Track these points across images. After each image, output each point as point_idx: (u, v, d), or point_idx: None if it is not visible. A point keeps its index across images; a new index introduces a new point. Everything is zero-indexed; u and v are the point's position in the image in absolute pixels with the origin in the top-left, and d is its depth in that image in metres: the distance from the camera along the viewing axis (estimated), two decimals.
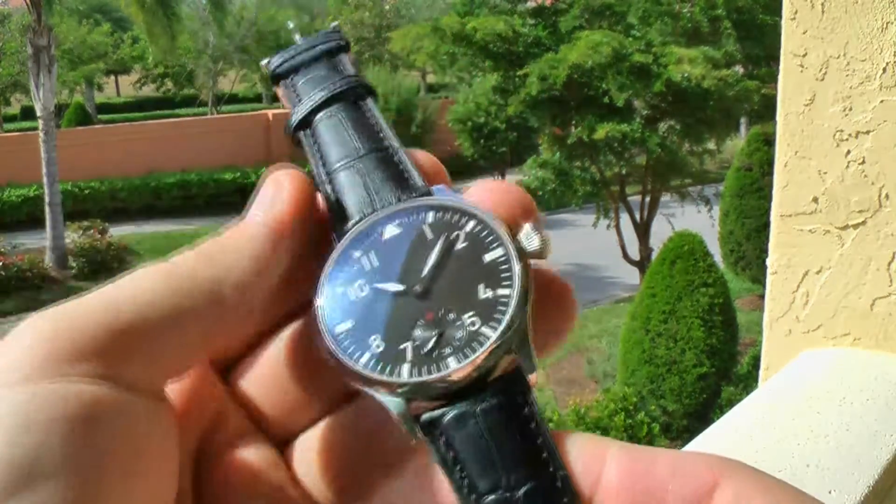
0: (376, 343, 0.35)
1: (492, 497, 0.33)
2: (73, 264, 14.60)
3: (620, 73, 10.80)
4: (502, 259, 0.35)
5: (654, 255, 9.15)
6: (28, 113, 22.82)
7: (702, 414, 7.69)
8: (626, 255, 12.18)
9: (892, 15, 1.10)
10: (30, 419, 0.28)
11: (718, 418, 1.08)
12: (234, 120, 22.12)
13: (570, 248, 13.85)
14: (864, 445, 0.97)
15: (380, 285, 0.35)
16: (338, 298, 0.36)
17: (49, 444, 0.28)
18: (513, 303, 0.34)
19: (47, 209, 14.49)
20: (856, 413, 1.04)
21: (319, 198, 0.38)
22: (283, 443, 0.38)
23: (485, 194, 0.37)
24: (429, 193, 0.37)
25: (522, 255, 0.35)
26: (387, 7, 26.71)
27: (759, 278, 10.45)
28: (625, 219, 12.37)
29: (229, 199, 18.98)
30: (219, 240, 0.36)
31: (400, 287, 0.35)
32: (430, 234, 0.36)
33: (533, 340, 0.35)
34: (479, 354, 0.34)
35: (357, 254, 0.36)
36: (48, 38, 14.46)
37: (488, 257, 0.35)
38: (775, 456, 0.94)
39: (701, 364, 7.88)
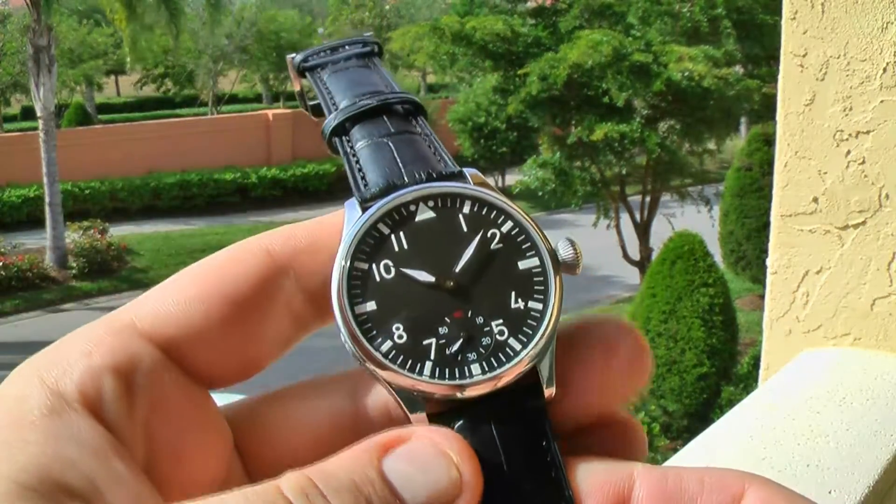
0: (399, 332, 0.33)
1: None
2: (73, 264, 14.60)
3: (620, 73, 10.80)
4: (537, 270, 0.34)
5: (654, 255, 9.16)
6: (28, 113, 22.82)
7: (702, 414, 7.69)
8: (626, 255, 12.18)
9: (892, 15, 1.10)
10: None
11: (718, 418, 1.08)
12: (234, 120, 22.11)
13: None
14: (864, 445, 0.97)
15: (409, 271, 0.33)
16: (361, 275, 0.33)
17: None
18: (545, 320, 0.33)
19: (47, 209, 14.49)
20: (856, 413, 1.04)
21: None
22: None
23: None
24: (461, 175, 0.35)
25: (557, 267, 0.34)
26: (387, 7, 26.71)
27: (759, 278, 10.44)
28: (625, 219, 12.37)
29: (229, 199, 19.01)
30: None
31: (431, 278, 0.33)
32: (465, 227, 0.34)
33: (556, 356, 0.34)
34: (505, 370, 0.33)
35: (386, 230, 0.34)
36: (48, 38, 14.46)
37: (523, 265, 0.34)
38: (775, 456, 0.94)
39: (701, 364, 7.88)
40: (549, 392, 0.33)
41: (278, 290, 0.34)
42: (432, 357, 0.33)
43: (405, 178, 0.35)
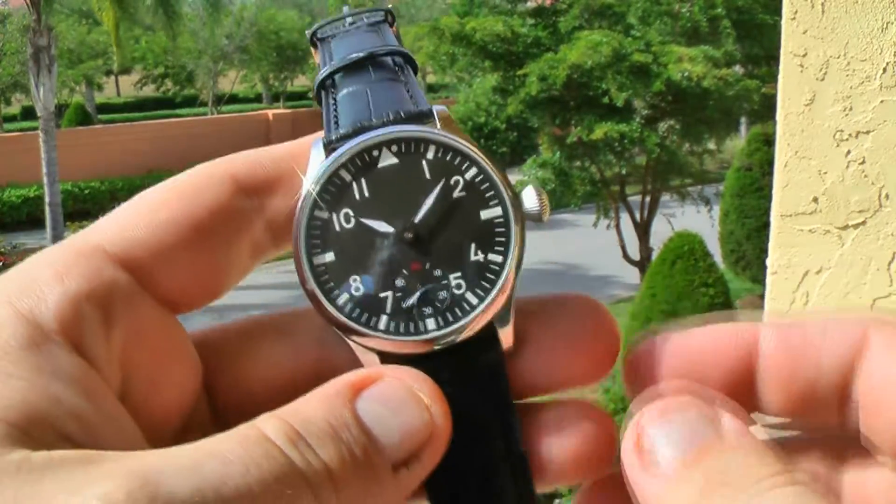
0: (356, 285, 0.33)
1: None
2: None
3: (620, 73, 10.80)
4: (499, 220, 0.33)
5: (654, 255, 9.16)
6: (28, 113, 22.83)
7: None
8: (626, 255, 12.18)
9: (893, 15, 1.10)
10: None
11: None
12: (234, 120, 22.12)
13: (571, 248, 13.85)
14: None
15: (368, 221, 0.33)
16: (321, 224, 0.33)
17: None
18: (503, 274, 0.33)
19: (47, 209, 14.49)
20: None
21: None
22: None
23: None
24: (430, 113, 0.34)
25: (520, 217, 0.33)
26: (387, 7, 26.70)
27: (759, 278, 10.44)
28: (625, 219, 12.37)
29: None
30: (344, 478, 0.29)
31: (389, 229, 0.33)
32: (428, 174, 0.33)
33: (514, 306, 0.33)
34: (460, 325, 0.32)
35: (348, 177, 0.33)
36: (48, 38, 14.45)
37: (485, 214, 0.33)
38: None
39: None
40: (506, 344, 0.33)
41: (244, 219, 0.34)
42: (388, 310, 0.33)
43: (372, 119, 0.33)
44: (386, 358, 0.33)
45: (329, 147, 0.34)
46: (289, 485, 0.27)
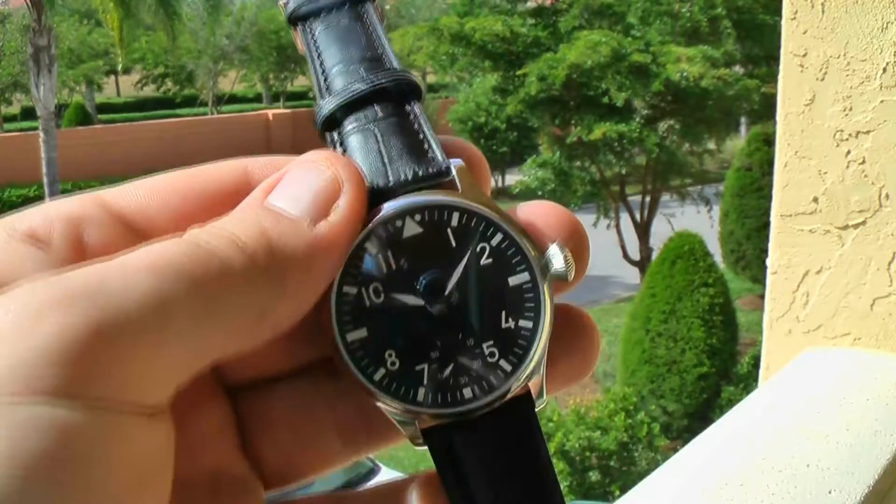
0: (391, 360, 0.33)
1: None
2: None
3: (619, 73, 10.80)
4: (527, 286, 0.33)
5: (654, 255, 9.16)
6: (28, 113, 22.82)
7: (702, 414, 7.70)
8: (626, 255, 12.18)
9: (892, 15, 1.10)
10: None
11: (718, 418, 1.08)
12: (234, 120, 22.13)
13: None
14: (864, 445, 0.97)
15: (398, 296, 0.33)
16: (351, 300, 0.33)
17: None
18: (535, 340, 0.33)
19: None
20: (856, 413, 1.04)
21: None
22: (241, 389, 0.35)
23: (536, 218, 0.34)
24: (448, 171, 0.34)
25: (547, 279, 0.33)
26: (387, 7, 26.71)
27: (759, 278, 10.44)
28: (625, 219, 12.37)
29: None
30: (263, 230, 0.30)
31: (420, 302, 0.33)
32: (453, 242, 0.33)
33: (546, 370, 0.34)
34: (496, 393, 0.33)
35: (374, 249, 0.33)
36: (48, 38, 14.45)
37: (513, 281, 0.33)
38: (775, 456, 0.94)
39: (701, 364, 7.88)
40: (539, 404, 0.34)
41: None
42: (425, 382, 0.33)
43: (390, 179, 0.33)
44: (426, 429, 0.33)
45: None
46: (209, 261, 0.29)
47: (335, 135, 0.35)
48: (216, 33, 22.28)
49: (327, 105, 0.35)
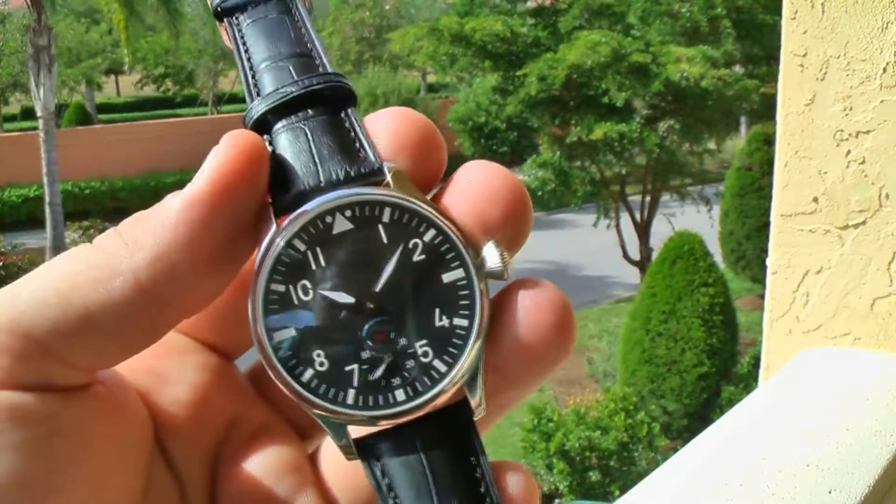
0: (320, 360, 0.32)
1: None
2: None
3: (619, 73, 10.80)
4: (462, 283, 0.32)
5: (654, 255, 9.16)
6: (28, 113, 22.82)
7: (702, 414, 7.69)
8: (626, 255, 12.18)
9: (892, 15, 1.10)
10: None
11: (718, 418, 1.08)
12: (234, 120, 22.07)
13: (571, 247, 13.85)
14: (864, 445, 0.97)
15: (327, 293, 0.32)
16: (279, 298, 0.32)
17: None
18: (470, 339, 0.32)
19: (47, 209, 14.48)
20: (856, 413, 1.04)
21: None
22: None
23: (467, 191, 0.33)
24: (381, 171, 0.32)
25: (482, 276, 0.32)
26: (387, 7, 26.70)
27: (759, 278, 10.44)
28: (625, 219, 12.36)
29: None
30: (140, 215, 0.32)
31: (350, 299, 0.31)
32: (385, 238, 0.32)
33: (483, 373, 0.32)
34: (430, 396, 0.32)
35: (302, 246, 0.32)
36: (48, 38, 14.45)
37: (447, 278, 0.32)
38: (775, 456, 0.94)
39: (701, 364, 7.88)
40: (476, 406, 0.32)
41: None
42: (355, 384, 0.32)
43: (321, 179, 0.32)
44: (356, 431, 0.32)
45: (278, 212, 0.32)
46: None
47: (266, 136, 0.34)
48: (216, 33, 22.25)
49: (257, 108, 0.34)
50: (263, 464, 0.34)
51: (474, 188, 0.33)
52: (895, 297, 1.17)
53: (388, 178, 0.32)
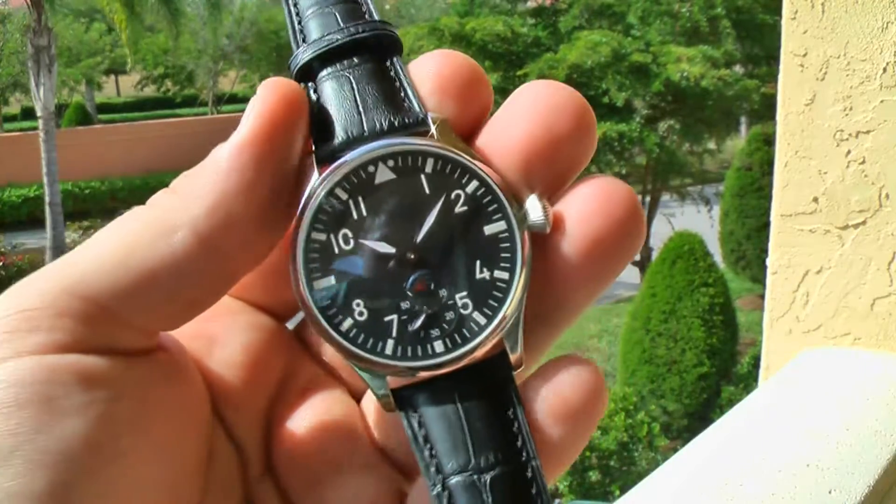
0: (359, 310, 0.31)
1: (457, 478, 0.31)
2: None
3: (619, 73, 10.80)
4: (504, 235, 0.32)
5: (654, 255, 9.16)
6: (28, 113, 22.81)
7: (702, 414, 7.69)
8: None
9: (892, 15, 1.10)
10: None
11: (718, 418, 1.08)
12: (234, 120, 22.01)
13: None
14: (864, 445, 0.97)
15: (368, 242, 0.32)
16: (320, 247, 0.32)
17: (7, 428, 0.27)
18: (511, 291, 0.32)
19: (47, 209, 14.48)
20: (856, 413, 1.04)
21: None
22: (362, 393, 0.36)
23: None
24: (425, 121, 0.32)
25: (524, 228, 0.32)
26: (387, 7, 26.70)
27: (759, 278, 10.44)
28: None
29: None
30: (191, 171, 0.32)
31: (391, 249, 0.31)
32: (427, 189, 0.32)
33: (524, 322, 0.32)
34: (469, 346, 0.32)
35: (344, 195, 0.32)
36: (48, 38, 14.44)
37: (489, 230, 0.32)
38: (775, 456, 0.94)
39: (701, 364, 7.87)
40: (515, 360, 0.32)
41: None
42: (394, 335, 0.32)
43: (365, 128, 0.32)
44: (393, 381, 0.32)
45: (321, 161, 0.32)
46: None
47: (311, 84, 0.34)
48: (216, 33, 22.26)
49: (302, 55, 0.33)
50: (316, 421, 0.34)
51: (541, 104, 0.32)
52: (895, 297, 1.17)
53: (433, 128, 0.32)
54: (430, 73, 0.33)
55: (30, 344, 0.28)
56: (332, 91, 0.33)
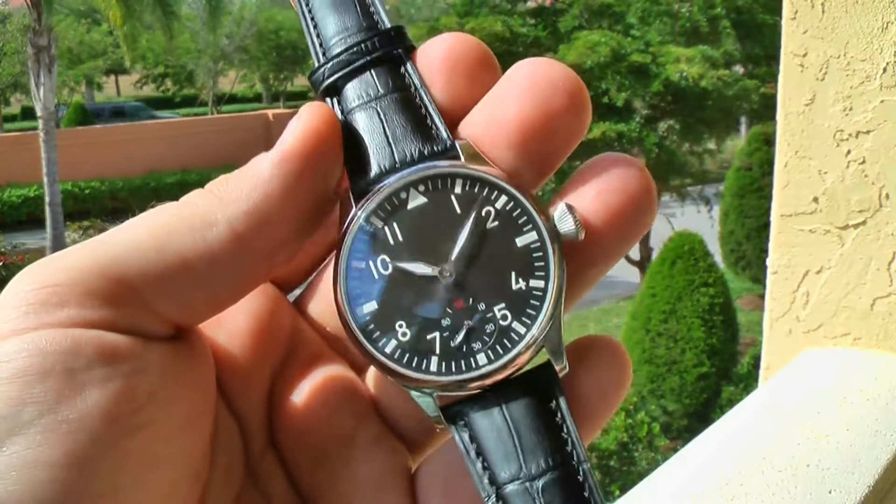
0: (402, 330, 0.33)
1: (512, 486, 0.32)
2: None
3: (619, 73, 10.80)
4: (536, 245, 0.33)
5: (654, 255, 9.16)
6: (28, 113, 22.82)
7: (702, 414, 7.69)
8: (626, 255, 12.18)
9: (892, 15, 1.10)
10: (13, 370, 0.28)
11: (718, 418, 1.08)
12: (234, 120, 22.11)
13: None
14: (864, 445, 0.97)
15: (405, 265, 0.33)
16: (360, 274, 0.33)
17: (29, 396, 0.27)
18: (547, 298, 0.33)
19: (47, 209, 14.48)
20: (856, 413, 1.04)
21: None
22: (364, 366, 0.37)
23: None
24: (453, 147, 0.34)
25: (556, 238, 0.33)
26: (387, 7, 26.66)
27: (759, 278, 10.44)
28: None
29: None
30: (229, 175, 0.34)
31: (427, 270, 0.33)
32: (458, 208, 0.33)
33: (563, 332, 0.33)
34: (511, 355, 0.32)
35: (379, 223, 0.33)
36: (48, 38, 14.44)
37: (521, 241, 0.33)
38: (775, 456, 0.94)
39: (701, 364, 7.88)
40: (559, 367, 0.33)
41: None
42: (437, 351, 0.33)
43: (396, 160, 0.34)
44: (441, 398, 0.33)
45: (357, 194, 0.34)
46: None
47: (334, 100, 0.35)
48: (216, 33, 22.25)
49: (325, 77, 0.35)
50: (322, 395, 0.35)
51: (536, 81, 0.33)
52: (895, 297, 1.17)
53: (461, 155, 0.34)
54: (441, 54, 0.34)
55: (56, 318, 0.29)
56: (363, 124, 0.34)
